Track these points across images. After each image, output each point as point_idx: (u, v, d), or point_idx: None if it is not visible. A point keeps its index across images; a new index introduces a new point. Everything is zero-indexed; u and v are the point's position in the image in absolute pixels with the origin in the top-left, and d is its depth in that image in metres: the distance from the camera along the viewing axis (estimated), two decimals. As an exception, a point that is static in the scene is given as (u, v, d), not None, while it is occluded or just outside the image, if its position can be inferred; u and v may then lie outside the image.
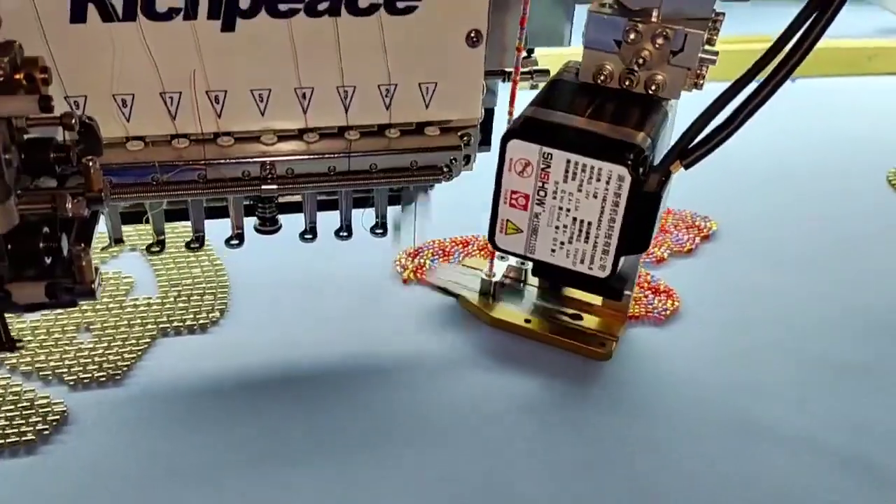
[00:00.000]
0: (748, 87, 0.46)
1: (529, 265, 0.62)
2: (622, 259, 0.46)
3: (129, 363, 0.58)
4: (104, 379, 0.57)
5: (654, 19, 0.45)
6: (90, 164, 0.39)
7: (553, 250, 0.46)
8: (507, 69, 0.56)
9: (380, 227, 0.60)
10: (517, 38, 0.53)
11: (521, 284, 0.65)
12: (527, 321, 0.61)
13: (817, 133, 0.93)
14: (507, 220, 0.46)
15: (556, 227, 0.45)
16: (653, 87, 0.46)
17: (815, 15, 0.43)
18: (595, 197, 0.43)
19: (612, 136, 0.43)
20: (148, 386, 0.57)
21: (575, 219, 0.44)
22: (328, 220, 0.58)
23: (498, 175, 0.45)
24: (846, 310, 0.67)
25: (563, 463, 0.53)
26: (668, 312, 0.65)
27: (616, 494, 0.51)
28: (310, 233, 0.59)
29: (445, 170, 0.55)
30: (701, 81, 0.47)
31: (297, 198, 0.58)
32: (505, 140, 0.44)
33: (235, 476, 0.51)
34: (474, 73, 0.53)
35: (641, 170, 0.42)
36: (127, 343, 0.60)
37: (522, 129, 0.44)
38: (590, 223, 0.44)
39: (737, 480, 0.52)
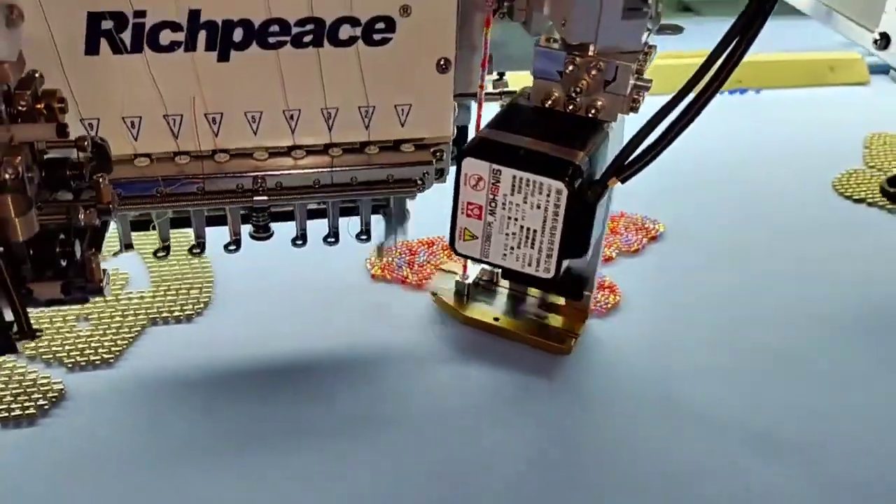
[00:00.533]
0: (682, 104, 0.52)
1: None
2: (566, 262, 0.52)
3: (121, 348, 0.65)
4: (98, 362, 0.64)
5: (590, 53, 0.51)
6: (100, 179, 0.45)
7: (504, 254, 0.52)
8: (475, 92, 0.62)
9: (364, 234, 0.66)
10: (479, 76, 0.60)
11: (494, 286, 0.71)
12: (496, 319, 0.68)
13: (775, 142, 0.99)
14: (465, 228, 0.52)
15: (507, 234, 0.51)
16: (593, 111, 0.53)
17: (736, 39, 0.49)
18: (538, 208, 0.49)
19: (552, 155, 0.49)
20: (137, 368, 0.64)
21: (522, 227, 0.50)
22: (316, 228, 0.64)
23: (456, 189, 0.52)
24: (780, 304, 0.73)
25: (524, 446, 0.59)
26: (609, 306, 0.71)
27: (563, 472, 0.57)
28: (300, 239, 0.65)
29: (419, 182, 0.61)
30: (637, 105, 0.53)
31: (289, 207, 0.64)
32: (460, 158, 0.51)
33: (210, 454, 0.58)
34: (445, 97, 0.59)
35: (577, 184, 0.49)
36: (120, 331, 0.67)
37: (475, 148, 0.50)
38: (535, 230, 0.50)
39: (662, 457, 0.59)
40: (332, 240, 0.66)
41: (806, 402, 0.63)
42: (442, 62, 0.58)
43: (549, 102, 0.54)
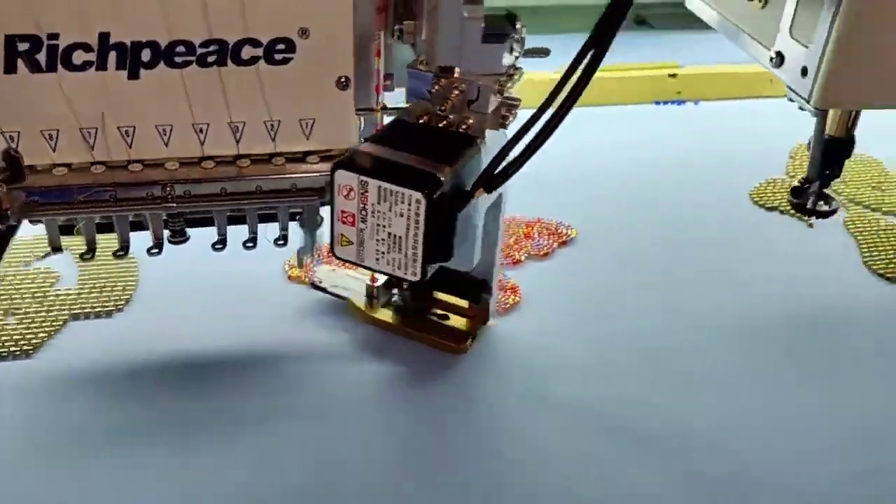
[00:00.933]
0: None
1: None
2: (432, 266, 0.56)
3: (41, 340, 0.70)
4: (18, 353, 0.69)
5: (456, 75, 0.55)
6: (-2, 188, 0.50)
7: (377, 259, 0.56)
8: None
9: (282, 239, 0.71)
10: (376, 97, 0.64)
11: (408, 289, 0.75)
12: (399, 320, 0.72)
13: (705, 151, 1.02)
14: (342, 234, 0.57)
15: (377, 240, 0.55)
16: (464, 127, 0.57)
17: (592, 52, 0.52)
18: (402, 216, 0.53)
19: (414, 167, 0.53)
20: (54, 360, 0.69)
21: (390, 233, 0.55)
22: (239, 233, 0.68)
23: (331, 198, 0.56)
24: (673, 308, 0.77)
25: (405, 440, 0.64)
26: (507, 305, 0.75)
27: (436, 464, 0.62)
28: (220, 244, 0.70)
29: (322, 192, 0.65)
30: (507, 122, 0.57)
31: (208, 213, 0.69)
32: (333, 170, 0.55)
33: (117, 445, 0.62)
34: (346, 112, 0.64)
35: (437, 194, 0.53)
36: (42, 325, 0.72)
37: (345, 161, 0.55)
38: (400, 237, 0.54)
39: (530, 450, 0.63)
40: (251, 245, 0.70)
41: (681, 400, 0.67)
42: (342, 79, 0.62)
43: (426, 119, 0.58)
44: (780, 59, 0.73)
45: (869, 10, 0.63)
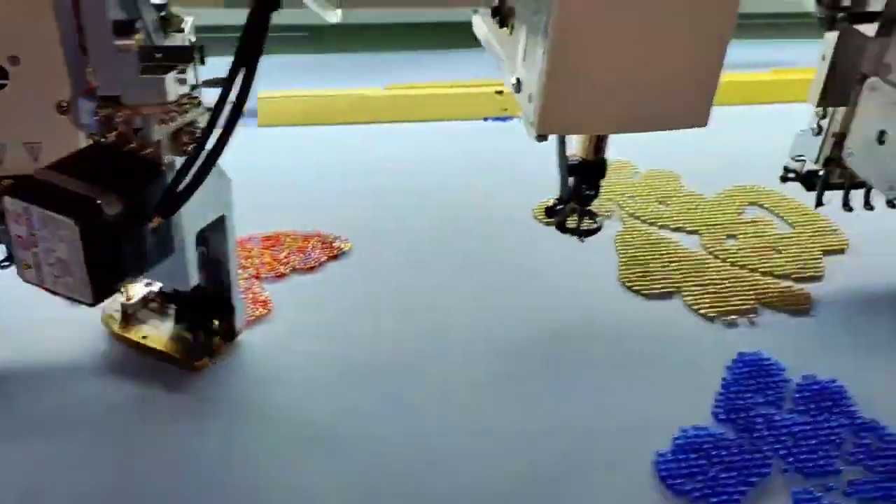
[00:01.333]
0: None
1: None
2: (112, 289, 0.58)
3: None
4: None
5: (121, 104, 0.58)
6: None
7: (55, 282, 0.58)
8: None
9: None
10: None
11: (167, 308, 0.77)
12: (144, 338, 0.74)
13: (509, 168, 1.03)
14: (23, 259, 0.58)
15: (50, 264, 0.57)
16: (146, 153, 0.59)
17: (244, 69, 0.53)
18: (63, 241, 0.55)
19: (75, 193, 0.55)
20: None
21: (58, 258, 0.56)
22: None
23: (3, 222, 0.58)
24: (424, 321, 0.79)
25: (133, 458, 0.66)
26: (253, 318, 0.77)
27: (157, 478, 0.64)
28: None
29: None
30: (188, 149, 0.59)
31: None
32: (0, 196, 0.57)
33: None
34: (70, 135, 0.65)
35: (96, 221, 0.55)
36: None
37: (11, 187, 0.56)
38: (67, 261, 0.56)
39: (252, 468, 0.65)
40: (7, 263, 0.72)
41: (405, 414, 0.69)
42: (62, 104, 0.64)
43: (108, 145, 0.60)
44: (518, 85, 0.74)
45: (574, 38, 0.65)
